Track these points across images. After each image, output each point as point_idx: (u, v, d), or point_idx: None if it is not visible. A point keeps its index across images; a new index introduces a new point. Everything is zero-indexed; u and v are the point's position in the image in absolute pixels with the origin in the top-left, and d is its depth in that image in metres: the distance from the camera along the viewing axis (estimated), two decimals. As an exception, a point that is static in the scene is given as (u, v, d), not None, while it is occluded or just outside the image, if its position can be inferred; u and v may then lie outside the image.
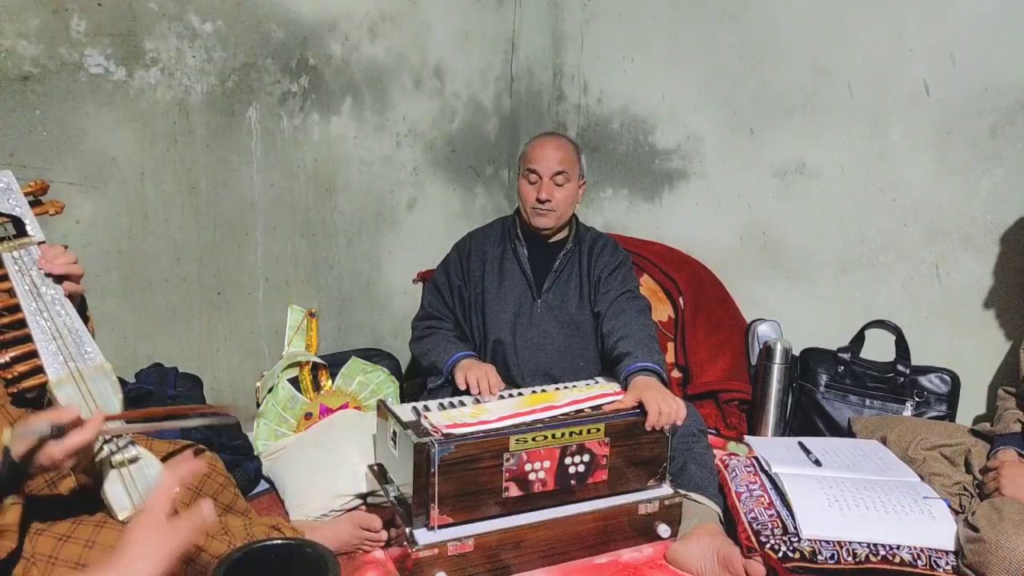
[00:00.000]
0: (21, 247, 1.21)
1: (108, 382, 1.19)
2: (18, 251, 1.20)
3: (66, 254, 1.22)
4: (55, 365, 1.15)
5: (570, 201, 2.03)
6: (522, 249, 2.08)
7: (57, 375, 1.14)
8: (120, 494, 1.13)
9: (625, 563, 1.67)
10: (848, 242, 2.33)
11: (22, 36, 1.71)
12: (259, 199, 2.22)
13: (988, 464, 1.66)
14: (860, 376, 2.20)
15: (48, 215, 1.30)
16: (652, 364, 1.80)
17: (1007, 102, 2.01)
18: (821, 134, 2.34)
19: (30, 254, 1.21)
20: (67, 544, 1.04)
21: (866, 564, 1.53)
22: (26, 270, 1.19)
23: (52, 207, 1.30)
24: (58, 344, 1.17)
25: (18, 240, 1.22)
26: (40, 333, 1.16)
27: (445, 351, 1.98)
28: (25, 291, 1.18)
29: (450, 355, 1.96)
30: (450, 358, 1.95)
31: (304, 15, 2.23)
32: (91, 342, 1.21)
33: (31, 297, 1.18)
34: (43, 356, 1.15)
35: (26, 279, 1.19)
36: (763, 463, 1.82)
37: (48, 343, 1.16)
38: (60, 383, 1.14)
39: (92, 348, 1.20)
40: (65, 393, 1.14)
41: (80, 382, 1.16)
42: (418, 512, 1.55)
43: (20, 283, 1.18)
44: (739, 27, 2.46)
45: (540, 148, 2.00)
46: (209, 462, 1.37)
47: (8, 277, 1.18)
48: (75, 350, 1.18)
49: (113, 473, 1.14)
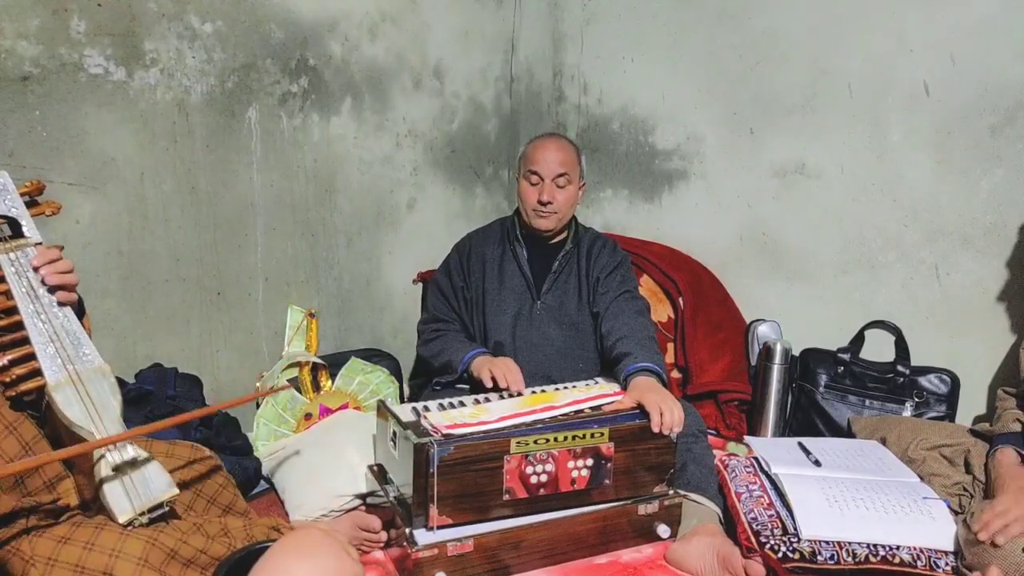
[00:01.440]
0: (18, 248, 1.20)
1: (107, 384, 1.19)
2: (14, 253, 1.19)
3: (61, 262, 1.21)
4: (53, 368, 1.14)
5: (571, 203, 2.03)
6: (521, 251, 2.08)
7: (55, 378, 1.14)
8: (120, 497, 1.12)
9: (625, 563, 1.67)
10: (848, 242, 2.33)
11: (22, 36, 1.71)
12: (259, 199, 2.22)
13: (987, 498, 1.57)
14: (860, 376, 2.20)
15: (45, 216, 1.29)
16: (652, 364, 1.80)
17: (1007, 102, 2.01)
18: (821, 134, 2.34)
19: (27, 256, 1.20)
20: (66, 546, 1.04)
21: (866, 564, 1.53)
22: (23, 272, 1.18)
23: (49, 207, 1.30)
24: (56, 346, 1.16)
25: (14, 242, 1.21)
26: (38, 335, 1.16)
27: (459, 350, 2.00)
28: (22, 293, 1.17)
29: (464, 353, 1.97)
30: (465, 356, 1.96)
31: (304, 15, 2.23)
32: (89, 344, 1.20)
33: (28, 299, 1.17)
34: (41, 359, 1.14)
35: (23, 281, 1.18)
36: (763, 463, 1.82)
37: (46, 345, 1.15)
38: (58, 386, 1.14)
39: (90, 350, 1.20)
40: (63, 396, 1.13)
41: (78, 384, 1.15)
42: (418, 512, 1.55)
43: (17, 285, 1.17)
44: (739, 27, 2.46)
45: (542, 150, 1.99)
46: (209, 463, 1.37)
47: (5, 279, 1.17)
48: (73, 352, 1.17)
49: (112, 476, 1.13)
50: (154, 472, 1.17)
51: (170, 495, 1.16)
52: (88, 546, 1.04)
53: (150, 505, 1.13)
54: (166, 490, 1.16)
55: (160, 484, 1.16)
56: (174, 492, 1.17)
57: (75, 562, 1.03)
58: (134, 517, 1.11)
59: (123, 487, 1.13)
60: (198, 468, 1.35)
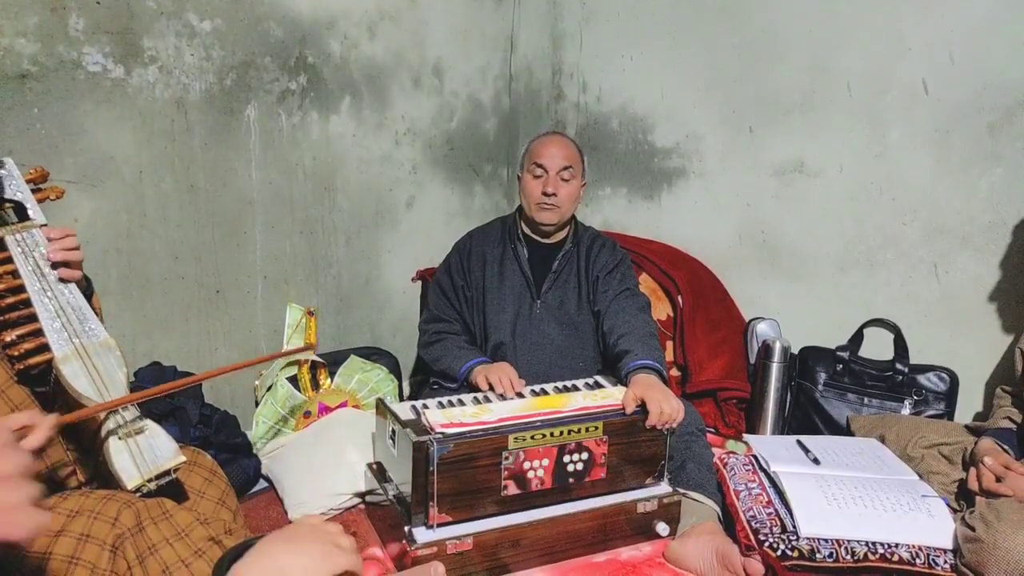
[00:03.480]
0: (24, 230, 1.25)
1: (112, 357, 1.23)
2: (20, 234, 1.25)
3: (67, 239, 1.26)
4: (60, 342, 1.18)
5: (573, 198, 2.04)
6: (522, 250, 2.08)
7: (62, 351, 1.18)
8: (127, 463, 1.15)
9: (624, 561, 1.67)
10: (847, 241, 2.33)
11: (20, 34, 1.71)
12: (258, 197, 2.22)
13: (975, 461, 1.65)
14: (859, 375, 2.20)
15: (49, 200, 1.35)
16: (653, 362, 1.80)
17: (1006, 101, 2.01)
18: (820, 133, 2.34)
19: (32, 237, 1.25)
20: (76, 519, 1.06)
21: (864, 562, 1.53)
22: (29, 252, 1.23)
23: (53, 192, 1.36)
24: (62, 321, 1.20)
25: (20, 224, 1.26)
26: (44, 311, 1.20)
27: (458, 358, 1.98)
28: (29, 271, 1.22)
29: (463, 362, 1.96)
30: (464, 365, 1.95)
31: (303, 13, 2.23)
32: (94, 319, 1.25)
33: (35, 277, 1.22)
34: (48, 333, 1.18)
35: (29, 260, 1.23)
36: (762, 461, 1.82)
37: (52, 320, 1.20)
38: (65, 359, 1.17)
39: (96, 325, 1.24)
40: (71, 369, 1.17)
41: (85, 358, 1.19)
42: (417, 510, 1.55)
43: (24, 264, 1.22)
44: (738, 26, 2.46)
45: (547, 144, 2.02)
46: (211, 468, 1.37)
47: (12, 260, 1.22)
48: (79, 327, 1.22)
49: (119, 444, 1.16)
50: (161, 440, 1.20)
51: (177, 462, 1.19)
52: (93, 515, 1.06)
53: (158, 472, 1.16)
54: (172, 457, 1.19)
55: (166, 451, 1.19)
56: (181, 459, 1.20)
57: (80, 532, 1.05)
58: (142, 483, 1.14)
59: (130, 454, 1.16)
60: (200, 472, 1.35)
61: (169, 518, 1.10)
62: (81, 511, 1.06)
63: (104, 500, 1.08)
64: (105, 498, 1.09)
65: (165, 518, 1.10)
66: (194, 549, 1.09)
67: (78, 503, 1.07)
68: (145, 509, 1.09)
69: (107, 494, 1.11)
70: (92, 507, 1.07)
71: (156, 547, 1.07)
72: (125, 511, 1.07)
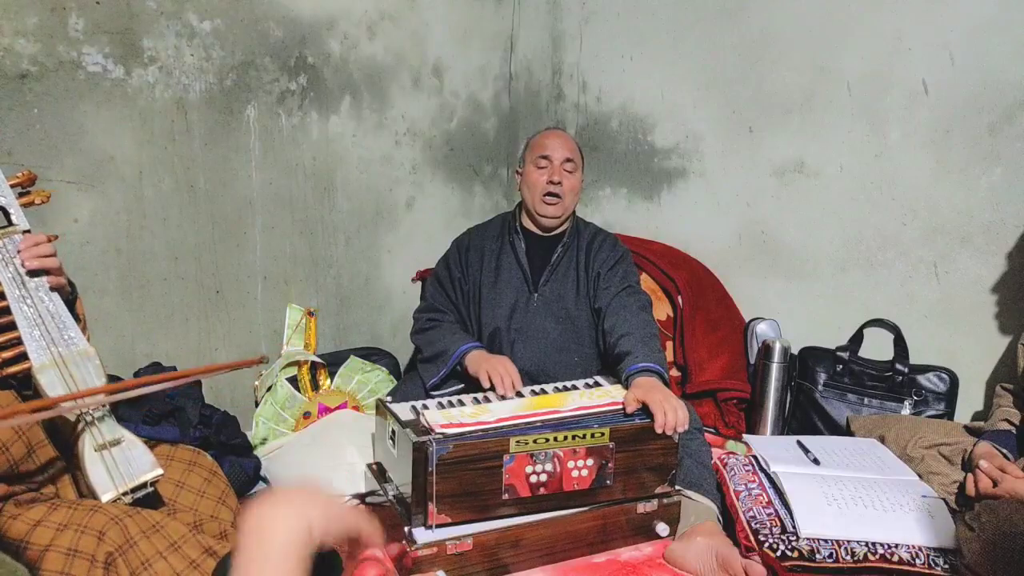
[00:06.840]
0: (5, 235, 1.23)
1: (91, 366, 1.21)
2: (2, 240, 1.22)
3: (42, 246, 1.23)
4: (38, 351, 1.17)
5: (576, 191, 2.06)
6: (520, 243, 2.08)
7: (40, 360, 1.17)
8: (102, 476, 1.14)
9: (624, 562, 1.67)
10: (847, 241, 2.33)
11: (20, 34, 1.71)
12: (257, 198, 2.22)
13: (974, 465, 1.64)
14: (858, 375, 2.20)
15: (35, 204, 1.32)
16: (654, 364, 1.79)
17: (1006, 101, 2.01)
18: (820, 133, 2.34)
19: (14, 243, 1.23)
20: (64, 532, 1.05)
21: (864, 563, 1.53)
22: (9, 259, 1.21)
23: (38, 196, 1.32)
24: (41, 330, 1.19)
25: (2, 229, 1.24)
26: (23, 320, 1.18)
27: (452, 341, 1.97)
28: (8, 279, 1.20)
29: (458, 345, 1.95)
30: (458, 348, 1.94)
31: (303, 13, 2.23)
32: (75, 327, 1.23)
33: (15, 285, 1.20)
34: (27, 342, 1.17)
35: (9, 267, 1.21)
36: (761, 462, 1.82)
37: (32, 329, 1.18)
38: (43, 368, 1.16)
39: (75, 333, 1.22)
40: (47, 378, 1.16)
41: (63, 367, 1.18)
42: (417, 511, 1.55)
43: (3, 271, 1.20)
44: (738, 26, 2.46)
45: (550, 137, 2.06)
46: (210, 468, 1.37)
47: None
48: (58, 335, 1.20)
49: (95, 455, 1.15)
50: (138, 453, 1.19)
51: (154, 475, 1.18)
52: (80, 529, 1.05)
53: (133, 485, 1.15)
54: (150, 470, 1.18)
55: (143, 464, 1.18)
56: (158, 472, 1.18)
57: (69, 546, 1.04)
58: (117, 496, 1.13)
59: (105, 467, 1.15)
60: (199, 472, 1.35)
61: (160, 530, 1.09)
62: (68, 524, 1.05)
63: (91, 512, 1.07)
64: (92, 509, 1.08)
65: (156, 530, 1.09)
66: (189, 561, 1.09)
67: (66, 516, 1.07)
68: (135, 523, 1.08)
69: (94, 505, 1.10)
70: (80, 520, 1.06)
71: (150, 561, 1.06)
72: (112, 528, 1.05)
